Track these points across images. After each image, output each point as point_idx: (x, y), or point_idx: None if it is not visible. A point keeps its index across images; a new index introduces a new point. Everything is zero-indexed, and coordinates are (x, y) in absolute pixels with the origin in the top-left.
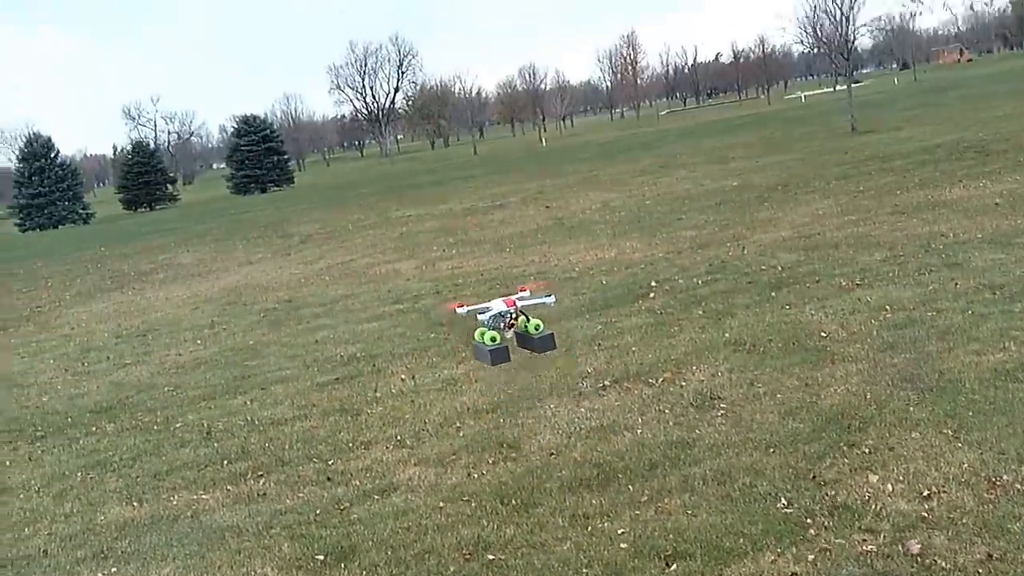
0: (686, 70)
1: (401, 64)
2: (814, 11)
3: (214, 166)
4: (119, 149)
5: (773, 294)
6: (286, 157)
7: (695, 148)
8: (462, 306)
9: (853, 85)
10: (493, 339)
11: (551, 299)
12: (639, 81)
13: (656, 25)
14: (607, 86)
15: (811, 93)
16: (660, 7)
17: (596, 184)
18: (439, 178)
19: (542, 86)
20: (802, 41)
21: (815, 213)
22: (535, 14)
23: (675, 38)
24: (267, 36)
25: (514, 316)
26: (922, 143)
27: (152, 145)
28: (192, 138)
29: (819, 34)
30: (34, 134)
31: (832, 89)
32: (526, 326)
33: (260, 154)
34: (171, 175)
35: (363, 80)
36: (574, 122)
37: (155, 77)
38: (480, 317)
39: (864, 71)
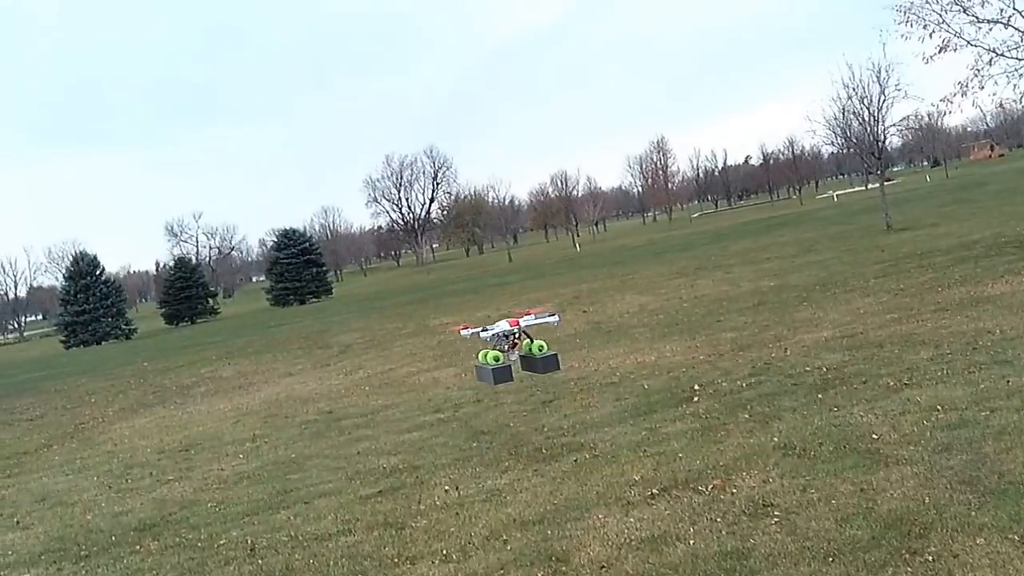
0: (716, 173)
1: (436, 175)
2: (843, 113)
3: (254, 279)
4: (162, 265)
5: (820, 396)
6: (324, 269)
7: (729, 249)
8: (467, 328)
9: (885, 183)
10: (496, 359)
11: (555, 318)
12: (670, 185)
13: (685, 132)
14: (638, 191)
15: (843, 192)
16: (688, 117)
17: (632, 287)
18: (475, 285)
19: (574, 192)
20: (832, 142)
21: (856, 312)
22: (565, 124)
23: (704, 141)
24: (307, 151)
25: (517, 336)
26: (960, 239)
27: (194, 260)
28: (233, 252)
29: (849, 135)
30: (81, 253)
31: (864, 187)
32: (530, 348)
33: (299, 266)
34: (212, 289)
35: (399, 192)
36: (607, 226)
37: (198, 193)
38: (483, 335)
39: (895, 169)
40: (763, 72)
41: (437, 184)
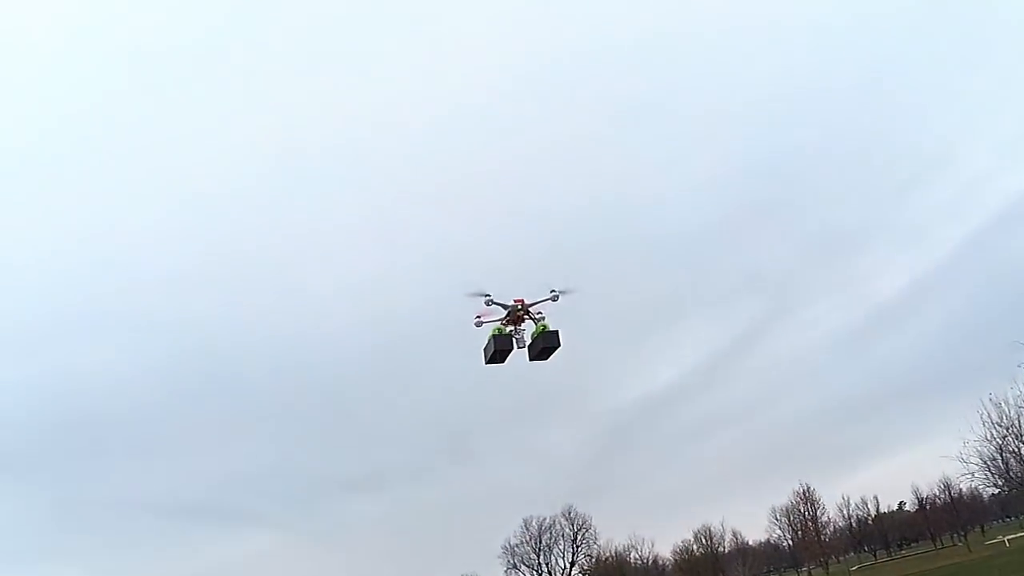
0: (869, 521)
1: (575, 538)
2: (1000, 453)
3: None
4: None
5: None
6: None
7: None
8: (479, 317)
9: None
10: (499, 331)
11: (555, 294)
12: (822, 537)
13: (829, 478)
14: (788, 544)
15: (1014, 536)
16: (831, 463)
17: None
18: None
19: (720, 549)
20: (994, 484)
21: None
22: (705, 476)
23: (852, 487)
24: (444, 518)
25: (519, 311)
26: None
27: None
28: None
29: (1010, 475)
30: None
31: None
32: (535, 331)
33: None
34: None
35: (538, 557)
36: None
37: (339, 566)
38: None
39: None
40: (903, 414)
41: (577, 547)
